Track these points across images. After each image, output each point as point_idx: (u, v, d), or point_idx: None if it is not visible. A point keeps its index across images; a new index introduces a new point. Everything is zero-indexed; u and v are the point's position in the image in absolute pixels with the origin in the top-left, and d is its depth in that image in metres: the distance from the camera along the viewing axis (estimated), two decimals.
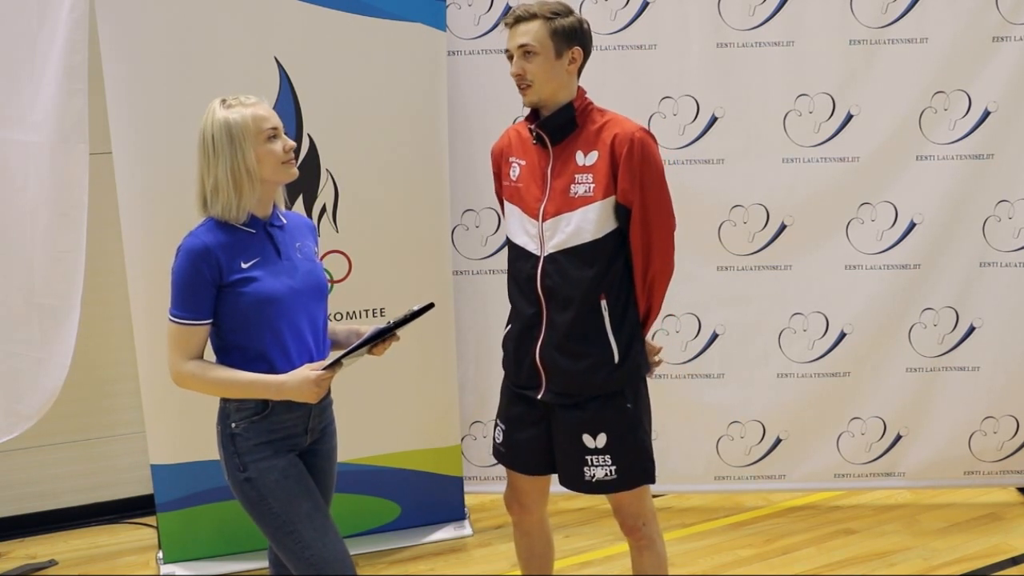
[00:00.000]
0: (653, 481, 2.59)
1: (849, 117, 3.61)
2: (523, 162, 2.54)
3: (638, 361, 2.53)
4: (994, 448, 3.85)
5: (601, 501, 3.00)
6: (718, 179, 3.64)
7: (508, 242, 2.60)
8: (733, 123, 3.62)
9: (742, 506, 3.93)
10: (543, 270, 2.47)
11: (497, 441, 2.70)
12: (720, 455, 3.86)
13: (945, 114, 3.60)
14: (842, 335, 3.76)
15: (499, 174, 2.66)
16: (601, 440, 2.50)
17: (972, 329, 3.75)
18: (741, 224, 3.69)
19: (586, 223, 2.42)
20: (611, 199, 2.42)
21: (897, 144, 3.63)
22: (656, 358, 2.63)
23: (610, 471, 2.51)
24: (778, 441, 3.85)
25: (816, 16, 3.54)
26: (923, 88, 3.59)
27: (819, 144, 3.63)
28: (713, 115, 3.62)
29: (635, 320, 2.52)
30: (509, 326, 2.63)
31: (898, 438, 3.85)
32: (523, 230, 2.52)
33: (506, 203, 2.60)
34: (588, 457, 2.51)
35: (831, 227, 3.70)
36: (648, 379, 2.62)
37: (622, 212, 2.43)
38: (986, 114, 3.59)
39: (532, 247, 2.50)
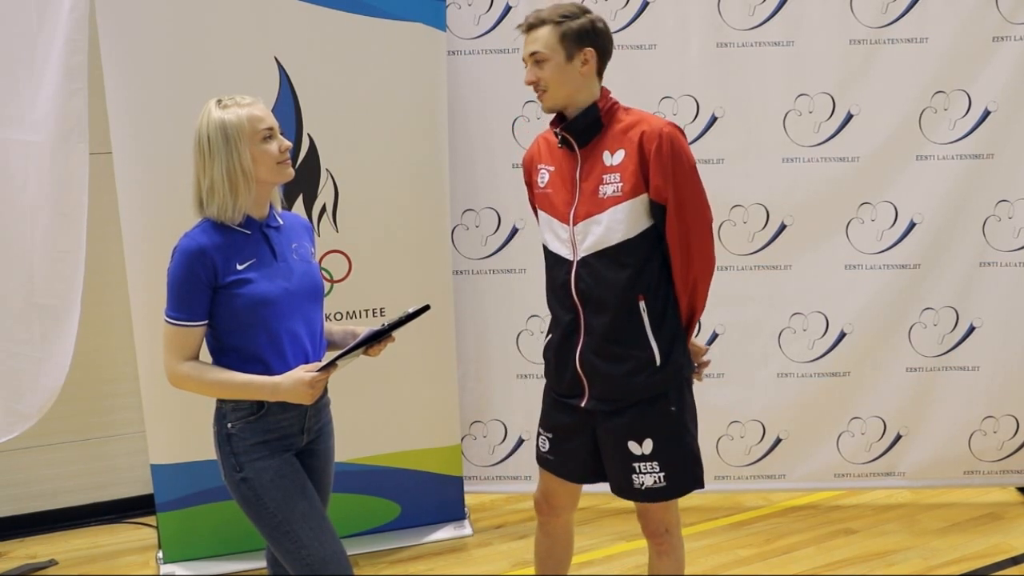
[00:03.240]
0: (702, 486, 2.56)
1: (849, 117, 3.61)
2: (552, 168, 2.51)
3: (680, 363, 2.48)
4: (994, 448, 3.86)
5: (602, 501, 3.00)
6: (718, 179, 3.62)
7: (544, 250, 2.56)
8: (733, 123, 3.62)
9: (742, 506, 3.93)
10: (576, 274, 2.44)
11: (543, 449, 2.65)
12: (720, 455, 3.86)
13: (945, 114, 3.60)
14: (842, 335, 3.77)
15: (530, 183, 2.63)
16: (647, 446, 2.46)
17: (972, 329, 3.75)
18: (741, 224, 3.69)
19: (616, 223, 2.39)
20: (642, 197, 2.38)
21: (897, 144, 3.63)
22: (704, 358, 2.61)
23: (659, 478, 2.47)
24: (778, 441, 3.86)
25: (816, 16, 3.54)
26: (923, 88, 3.59)
27: (819, 144, 3.63)
28: (713, 115, 3.62)
29: (676, 320, 2.48)
30: (549, 336, 2.60)
31: (898, 438, 3.85)
32: (555, 236, 2.49)
33: (538, 211, 2.57)
34: (636, 464, 2.47)
35: (831, 227, 3.71)
36: (696, 382, 2.60)
37: (657, 209, 2.39)
38: (986, 114, 3.59)
39: (565, 252, 2.46)
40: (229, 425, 2.26)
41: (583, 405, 2.50)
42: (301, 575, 2.23)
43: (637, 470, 2.47)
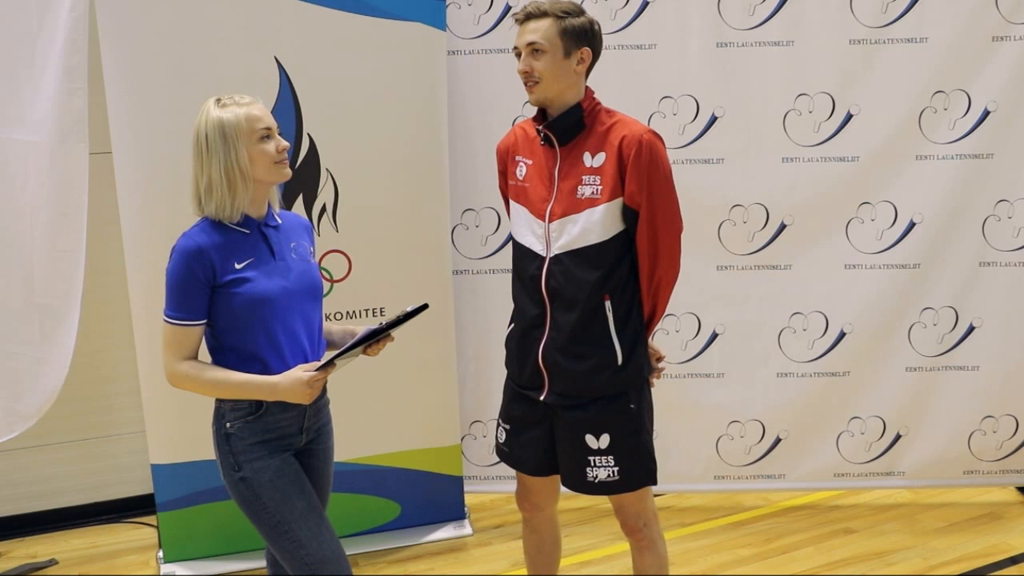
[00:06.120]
0: (655, 482, 2.59)
1: (849, 117, 3.61)
2: (530, 161, 2.53)
3: (641, 363, 2.52)
4: (993, 447, 3.86)
5: (601, 501, 3.01)
6: (718, 179, 3.65)
7: (513, 241, 2.59)
8: (733, 123, 3.62)
9: (742, 506, 3.94)
10: (548, 271, 2.47)
11: (500, 441, 2.70)
12: (720, 455, 3.86)
13: (945, 114, 3.60)
14: (842, 335, 3.77)
15: (504, 172, 2.65)
16: (604, 441, 2.50)
17: (971, 329, 3.75)
18: (741, 224, 3.69)
19: (592, 225, 2.41)
20: (617, 201, 2.41)
21: (897, 144, 3.63)
22: (659, 365, 2.63)
23: (612, 472, 2.50)
24: (778, 441, 3.86)
25: (816, 16, 3.54)
26: (923, 88, 3.59)
27: (819, 144, 3.63)
28: (713, 115, 3.62)
29: (639, 322, 2.52)
30: (512, 325, 2.63)
31: (898, 437, 3.85)
32: (529, 230, 2.51)
33: (512, 202, 2.59)
34: (591, 458, 2.51)
35: (831, 227, 3.71)
36: (651, 384, 2.62)
37: (630, 214, 2.42)
38: (986, 114, 3.59)
39: (538, 247, 2.49)
40: (228, 425, 2.26)
41: (542, 398, 2.53)
42: (300, 575, 2.24)
43: (592, 463, 2.51)
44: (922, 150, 3.63)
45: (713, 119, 3.63)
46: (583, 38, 2.41)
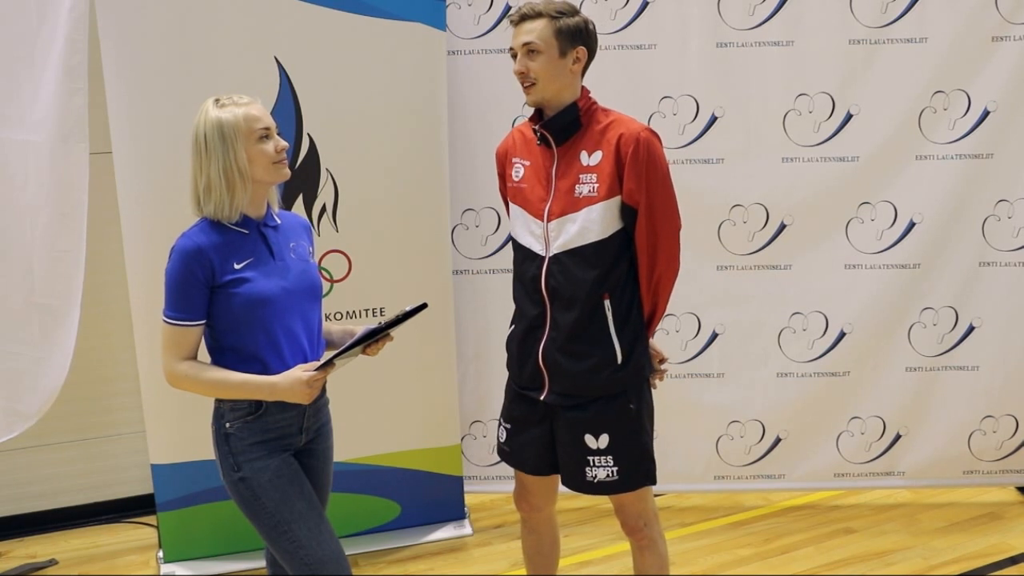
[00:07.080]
0: (654, 482, 2.59)
1: (849, 117, 3.62)
2: (527, 163, 2.53)
3: (641, 362, 2.52)
4: (993, 447, 3.86)
5: (601, 500, 3.01)
6: (718, 179, 3.65)
7: (513, 243, 2.60)
8: (733, 123, 3.62)
9: (742, 505, 3.94)
10: (547, 270, 2.47)
11: (500, 440, 2.71)
12: (720, 454, 3.86)
13: (945, 114, 3.61)
14: (842, 335, 3.77)
15: (503, 175, 2.66)
16: (603, 441, 2.50)
17: (971, 329, 3.76)
18: (741, 224, 3.69)
19: (591, 223, 2.42)
20: (616, 199, 2.41)
21: (897, 144, 3.63)
22: (662, 367, 2.63)
23: (612, 472, 2.51)
24: (778, 440, 3.86)
25: (816, 16, 3.54)
26: (923, 88, 3.59)
27: (819, 144, 3.63)
28: (713, 115, 3.62)
29: (639, 321, 2.52)
30: (513, 327, 2.63)
31: (897, 437, 3.85)
32: (528, 231, 2.52)
33: (510, 204, 2.60)
34: (590, 457, 2.51)
35: (831, 227, 3.71)
36: (653, 386, 2.62)
37: (628, 212, 2.43)
38: (985, 114, 3.60)
39: (537, 248, 2.49)
40: (227, 425, 2.26)
41: (542, 398, 2.54)
42: (299, 575, 2.24)
43: (591, 463, 2.51)
44: (922, 150, 3.64)
45: (713, 119, 3.63)
46: (578, 37, 2.42)
